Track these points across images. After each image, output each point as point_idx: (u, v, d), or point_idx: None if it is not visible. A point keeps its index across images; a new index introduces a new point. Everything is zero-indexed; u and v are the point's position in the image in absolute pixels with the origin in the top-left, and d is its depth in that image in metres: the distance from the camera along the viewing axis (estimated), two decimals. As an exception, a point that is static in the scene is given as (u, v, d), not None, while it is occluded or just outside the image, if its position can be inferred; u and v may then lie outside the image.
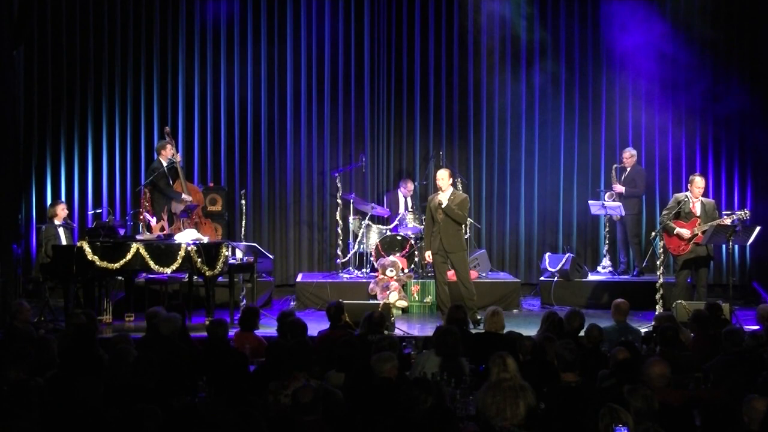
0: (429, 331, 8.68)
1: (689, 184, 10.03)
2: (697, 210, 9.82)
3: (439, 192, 9.61)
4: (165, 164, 10.55)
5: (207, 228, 10.88)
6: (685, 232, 9.76)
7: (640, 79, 12.25)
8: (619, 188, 11.41)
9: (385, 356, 5.62)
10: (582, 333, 7.12)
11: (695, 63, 12.26)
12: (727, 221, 9.52)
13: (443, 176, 9.64)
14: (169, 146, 10.65)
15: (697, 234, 9.70)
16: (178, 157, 10.85)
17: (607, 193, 11.61)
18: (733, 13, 12.25)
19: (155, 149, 10.96)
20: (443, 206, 9.49)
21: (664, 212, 10.10)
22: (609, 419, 4.51)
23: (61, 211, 10.41)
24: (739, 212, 9.71)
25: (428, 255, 9.79)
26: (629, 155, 11.52)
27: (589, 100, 12.36)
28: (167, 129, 10.94)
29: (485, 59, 12.33)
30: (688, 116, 12.31)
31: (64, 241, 10.17)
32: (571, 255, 11.40)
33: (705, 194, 10.16)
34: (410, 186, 11.92)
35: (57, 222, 10.27)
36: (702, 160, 12.32)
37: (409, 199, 11.93)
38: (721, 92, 12.26)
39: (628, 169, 11.49)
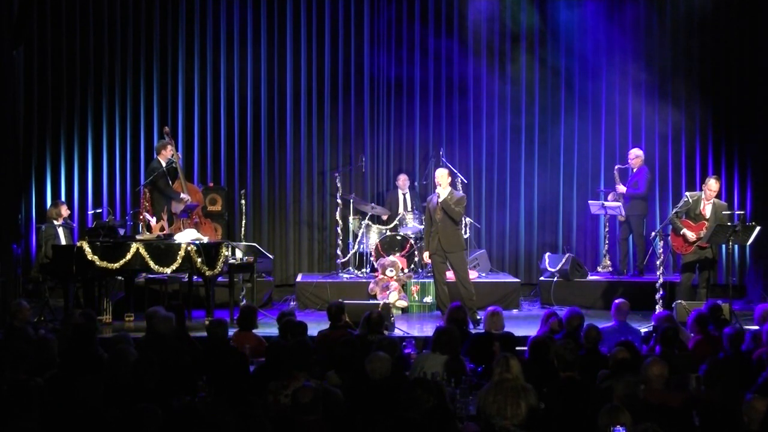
0: (429, 331, 8.68)
1: (703, 185, 9.99)
2: (707, 212, 9.76)
3: (438, 191, 9.61)
4: (164, 164, 10.55)
5: (207, 228, 10.88)
6: (691, 236, 9.72)
7: (640, 77, 12.25)
8: (621, 188, 11.41)
9: (377, 356, 5.63)
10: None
11: (696, 61, 12.28)
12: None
13: (442, 174, 9.66)
14: (169, 146, 10.65)
15: (702, 238, 9.68)
16: (178, 156, 10.85)
17: (610, 194, 11.61)
18: (733, 9, 12.23)
19: (155, 149, 10.96)
20: (440, 200, 9.50)
21: (674, 209, 10.04)
22: (608, 419, 4.52)
23: (65, 211, 10.45)
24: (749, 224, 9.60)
25: (426, 256, 9.80)
26: (635, 156, 11.46)
27: (588, 100, 12.35)
28: (167, 129, 10.94)
29: (485, 58, 12.33)
30: (688, 115, 12.31)
31: (63, 241, 10.18)
32: (571, 255, 11.39)
33: (717, 196, 10.07)
34: (402, 177, 11.92)
35: (58, 222, 10.28)
36: (702, 159, 12.31)
37: (408, 196, 11.92)
38: (722, 90, 12.28)
39: (634, 170, 11.46)
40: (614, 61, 12.32)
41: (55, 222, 10.31)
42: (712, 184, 9.82)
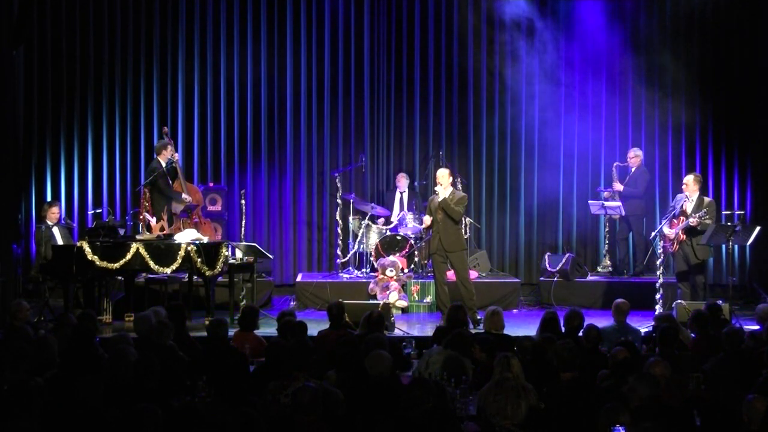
0: (429, 331, 8.70)
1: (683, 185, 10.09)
2: (689, 209, 9.82)
3: (439, 191, 9.61)
4: (164, 164, 10.55)
5: (207, 228, 10.87)
6: (669, 232, 9.82)
7: (641, 76, 12.25)
8: (618, 186, 11.42)
9: (377, 354, 5.63)
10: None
11: (696, 60, 12.28)
12: (693, 222, 9.55)
13: (443, 174, 9.66)
14: (168, 146, 10.64)
15: (678, 233, 9.73)
16: (176, 156, 10.85)
17: (606, 192, 11.61)
18: (733, 8, 12.23)
19: (154, 149, 10.95)
20: (440, 200, 9.51)
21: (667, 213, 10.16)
22: (608, 419, 4.52)
23: (53, 212, 10.38)
24: (700, 215, 9.67)
25: (427, 219, 9.71)
26: (634, 155, 11.46)
27: (588, 99, 12.33)
28: (165, 129, 10.94)
29: (485, 59, 12.33)
30: (689, 115, 12.31)
31: (60, 241, 10.16)
32: (571, 255, 11.40)
33: (706, 193, 10.11)
34: (399, 176, 11.93)
35: (50, 222, 10.26)
36: (702, 159, 12.31)
37: (405, 196, 11.91)
38: (722, 90, 12.28)
39: (633, 170, 11.46)
40: (614, 60, 12.32)
41: (49, 222, 10.30)
42: (686, 180, 9.98)
